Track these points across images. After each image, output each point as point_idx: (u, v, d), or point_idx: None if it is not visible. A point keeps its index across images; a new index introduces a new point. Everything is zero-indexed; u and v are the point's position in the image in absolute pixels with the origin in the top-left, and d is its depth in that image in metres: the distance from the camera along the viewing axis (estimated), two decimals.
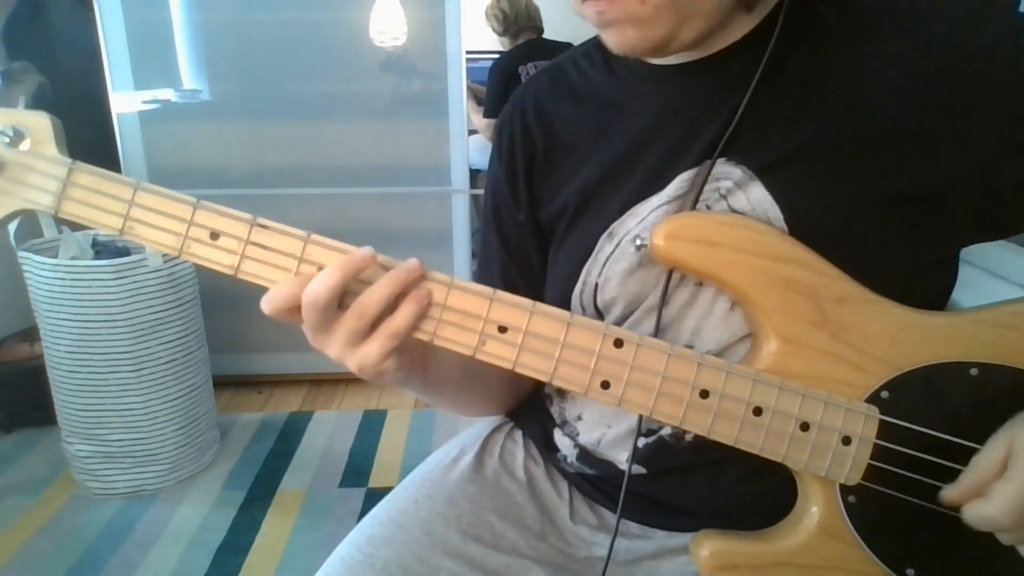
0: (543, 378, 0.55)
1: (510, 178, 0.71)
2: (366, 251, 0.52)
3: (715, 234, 0.56)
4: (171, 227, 0.54)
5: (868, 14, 0.58)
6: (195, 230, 0.53)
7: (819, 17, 0.59)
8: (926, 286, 0.60)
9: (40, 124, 0.54)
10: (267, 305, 0.52)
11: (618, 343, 0.55)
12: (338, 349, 0.53)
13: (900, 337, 0.55)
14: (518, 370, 0.55)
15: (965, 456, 0.54)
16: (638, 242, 0.62)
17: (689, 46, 0.57)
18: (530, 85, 0.73)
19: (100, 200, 0.54)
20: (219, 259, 0.54)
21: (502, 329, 0.54)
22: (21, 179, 0.54)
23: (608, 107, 0.66)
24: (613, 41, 0.56)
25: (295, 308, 0.52)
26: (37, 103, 1.65)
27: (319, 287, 0.50)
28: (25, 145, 0.54)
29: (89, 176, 0.54)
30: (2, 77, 1.68)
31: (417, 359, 0.60)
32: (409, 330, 0.53)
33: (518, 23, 2.95)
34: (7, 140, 0.53)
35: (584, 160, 0.67)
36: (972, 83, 0.54)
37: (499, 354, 0.55)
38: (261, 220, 0.53)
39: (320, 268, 0.53)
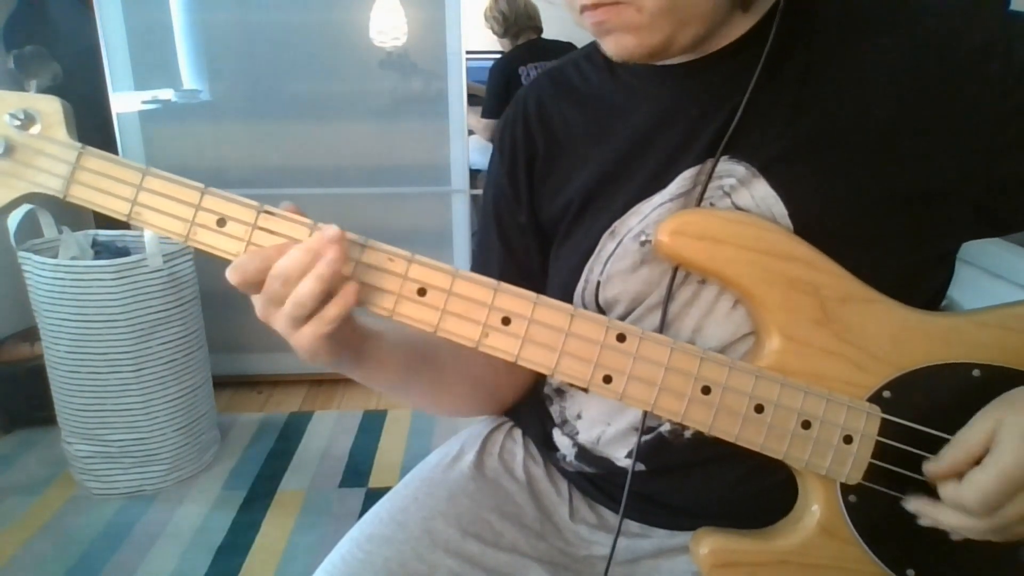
0: (546, 371, 0.55)
1: (512, 179, 0.71)
2: (332, 232, 0.51)
3: (720, 231, 0.56)
4: (178, 212, 0.53)
5: (864, 12, 0.59)
6: (202, 215, 0.53)
7: (816, 15, 0.59)
8: (926, 283, 0.61)
9: (51, 108, 0.54)
10: (235, 274, 0.52)
11: (621, 337, 0.55)
12: (281, 327, 0.54)
13: (902, 337, 0.55)
14: (521, 363, 0.55)
15: None
16: (643, 238, 0.62)
17: (687, 49, 0.57)
18: (532, 87, 0.73)
19: (109, 184, 0.54)
20: (225, 246, 0.54)
21: (505, 321, 0.54)
22: (30, 162, 0.54)
23: (609, 108, 0.67)
24: (611, 48, 0.57)
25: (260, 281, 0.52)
26: (50, 89, 1.64)
27: (291, 264, 0.51)
28: (35, 129, 0.54)
29: (98, 160, 0.54)
30: (14, 61, 1.66)
31: (357, 338, 0.60)
32: (339, 319, 0.53)
33: (518, 24, 2.95)
34: (17, 123, 0.53)
35: (585, 160, 0.67)
36: (967, 79, 0.55)
37: (502, 347, 0.55)
38: (268, 207, 0.53)
39: None
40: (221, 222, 0.53)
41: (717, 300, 0.61)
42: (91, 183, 0.54)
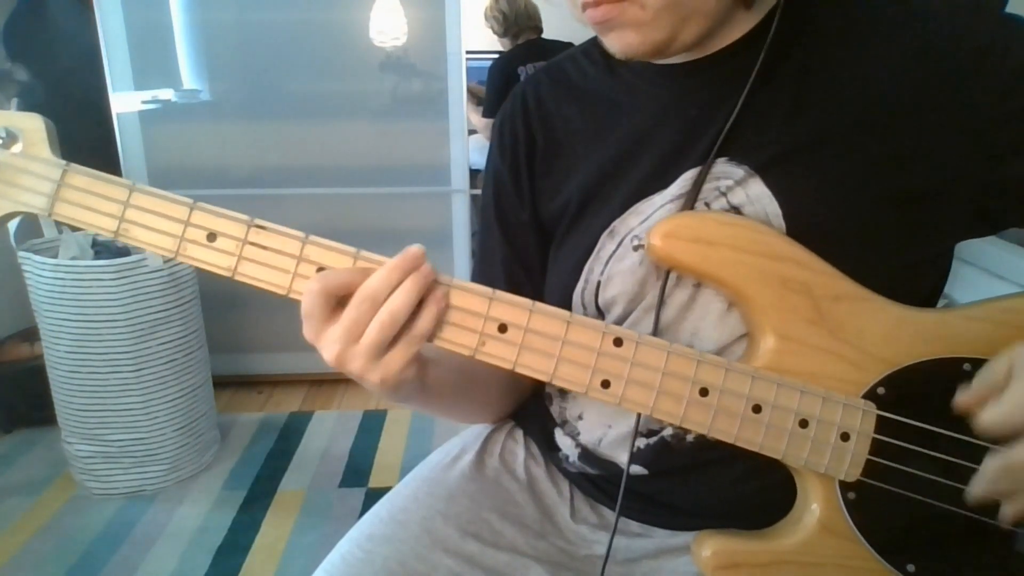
0: (544, 378, 0.55)
1: (513, 174, 0.71)
2: (416, 249, 0.51)
3: (712, 233, 0.56)
4: (167, 228, 0.53)
5: (863, 13, 0.59)
6: (192, 231, 0.53)
7: (815, 16, 0.59)
8: (921, 282, 0.61)
9: (33, 126, 0.53)
10: (319, 282, 0.51)
11: (618, 341, 0.55)
12: (362, 363, 0.51)
13: (895, 334, 0.56)
14: (518, 370, 0.55)
15: (962, 450, 0.54)
16: (635, 242, 0.62)
17: (690, 47, 0.57)
18: (531, 82, 0.73)
19: (95, 202, 0.53)
20: (216, 261, 0.53)
21: (502, 328, 0.54)
22: (13, 181, 0.53)
23: (608, 106, 0.67)
24: (615, 46, 0.56)
25: (336, 302, 0.51)
26: (27, 104, 1.64)
27: (379, 284, 0.50)
28: (17, 147, 0.53)
29: (83, 178, 0.53)
30: None
31: (420, 366, 0.59)
32: (431, 333, 0.52)
33: (518, 24, 2.95)
34: None
35: (584, 159, 0.67)
36: (966, 81, 0.55)
37: (499, 354, 0.54)
38: (259, 221, 0.53)
39: (319, 269, 0.52)
40: (211, 237, 0.53)
41: (712, 303, 0.61)
42: (77, 200, 0.53)
